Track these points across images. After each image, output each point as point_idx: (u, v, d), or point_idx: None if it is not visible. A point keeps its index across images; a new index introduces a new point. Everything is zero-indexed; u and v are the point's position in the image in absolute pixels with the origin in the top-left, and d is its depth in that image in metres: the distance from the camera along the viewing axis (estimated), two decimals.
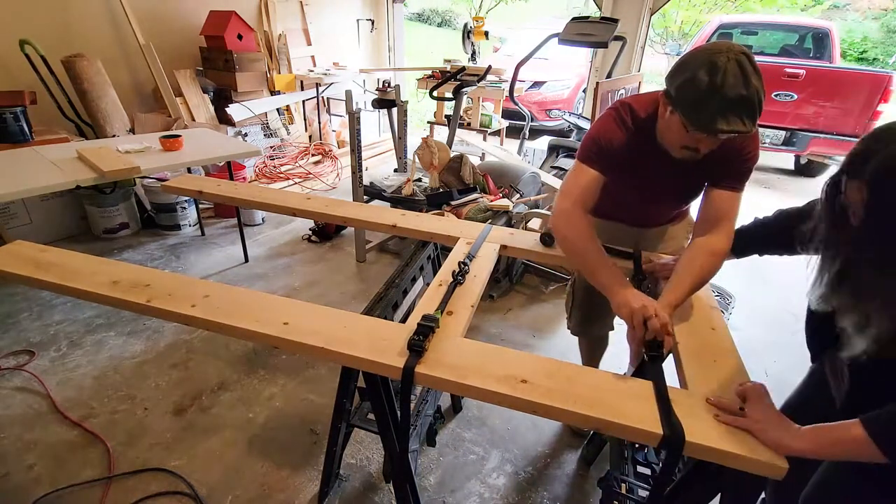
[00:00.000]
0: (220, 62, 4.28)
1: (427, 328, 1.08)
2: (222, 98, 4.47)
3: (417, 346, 1.04)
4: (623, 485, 1.42)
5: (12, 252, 1.40)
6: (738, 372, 1.07)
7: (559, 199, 1.35)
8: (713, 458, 0.88)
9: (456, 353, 1.06)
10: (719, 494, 1.26)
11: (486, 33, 5.03)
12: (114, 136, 3.49)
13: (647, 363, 1.06)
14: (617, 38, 3.41)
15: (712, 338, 1.18)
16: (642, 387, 0.99)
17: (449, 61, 5.23)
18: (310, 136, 5.22)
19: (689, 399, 0.97)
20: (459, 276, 1.34)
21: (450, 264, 1.42)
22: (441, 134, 5.08)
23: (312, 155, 4.89)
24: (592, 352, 2.01)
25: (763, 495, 1.41)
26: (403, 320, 1.57)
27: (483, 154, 4.59)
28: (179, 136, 2.69)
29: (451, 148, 3.52)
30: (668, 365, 1.06)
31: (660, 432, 0.88)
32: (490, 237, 1.63)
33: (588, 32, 3.38)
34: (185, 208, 3.53)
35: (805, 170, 5.91)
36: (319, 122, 5.30)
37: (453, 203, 2.90)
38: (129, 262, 1.41)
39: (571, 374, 1.02)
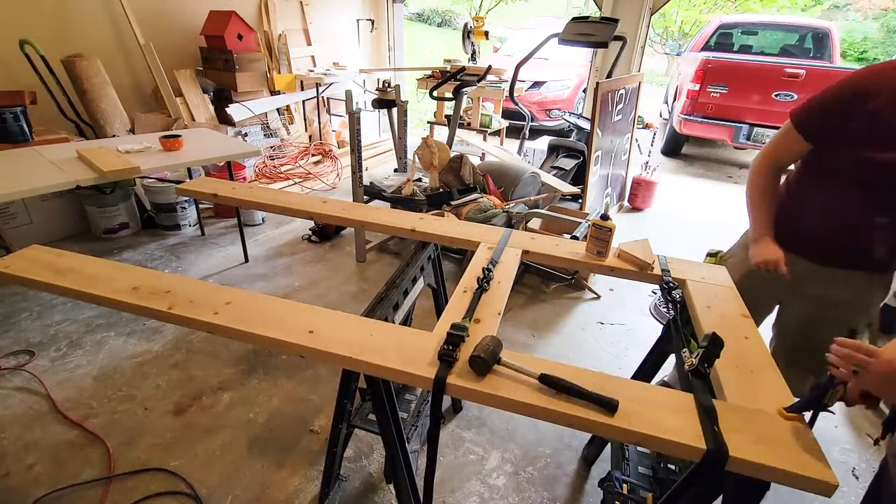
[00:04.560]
0: (220, 62, 4.28)
1: (457, 337, 1.05)
2: (222, 98, 4.46)
3: (448, 356, 1.01)
4: (624, 485, 1.41)
5: (29, 258, 1.37)
6: (777, 384, 1.03)
7: None
8: (757, 473, 0.85)
9: None
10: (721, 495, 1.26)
11: (486, 33, 5.02)
12: (114, 136, 3.49)
13: (689, 375, 1.02)
14: (617, 38, 3.41)
15: (747, 347, 1.14)
16: (682, 399, 0.96)
17: (449, 61, 5.23)
18: (310, 136, 5.21)
19: (728, 412, 0.93)
20: (484, 283, 1.31)
21: (473, 270, 1.38)
22: (441, 134, 5.08)
23: (312, 155, 4.89)
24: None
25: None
26: (404, 321, 1.56)
27: (483, 154, 4.59)
28: (179, 136, 2.69)
29: (451, 148, 3.52)
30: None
31: (702, 447, 0.85)
32: (511, 242, 1.59)
33: (588, 32, 3.38)
34: (184, 208, 3.52)
35: None
36: (319, 122, 5.29)
37: (453, 203, 2.89)
38: (147, 268, 1.38)
39: (607, 386, 0.98)
